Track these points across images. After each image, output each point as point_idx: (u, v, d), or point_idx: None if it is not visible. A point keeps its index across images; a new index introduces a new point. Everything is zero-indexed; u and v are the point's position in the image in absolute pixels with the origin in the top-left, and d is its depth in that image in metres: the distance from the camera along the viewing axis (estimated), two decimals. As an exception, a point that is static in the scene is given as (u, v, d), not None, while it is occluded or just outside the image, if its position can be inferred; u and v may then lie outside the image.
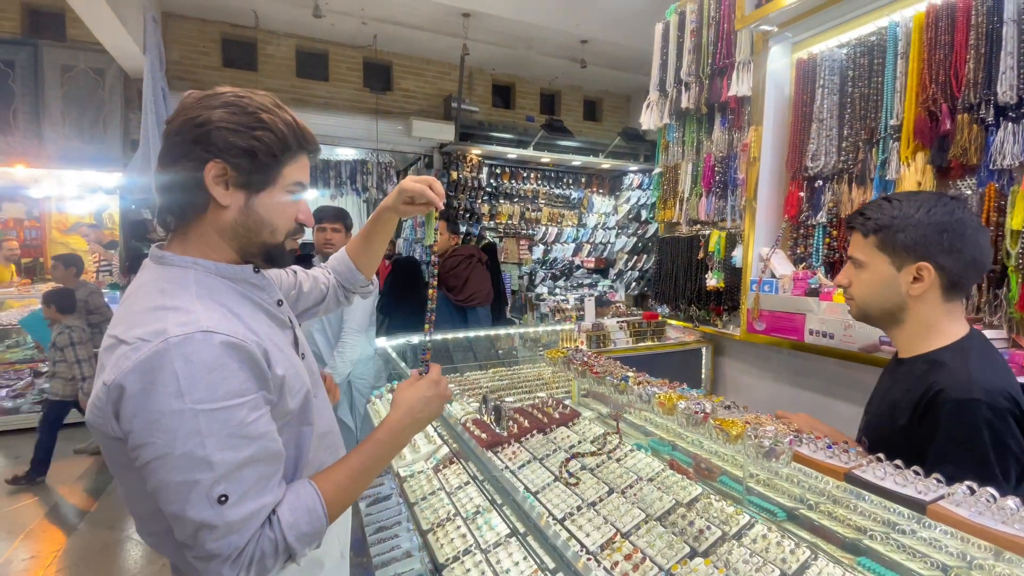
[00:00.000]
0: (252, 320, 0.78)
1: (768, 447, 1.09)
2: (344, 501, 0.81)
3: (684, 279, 2.55)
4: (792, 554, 1.16)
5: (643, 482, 1.51)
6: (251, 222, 0.79)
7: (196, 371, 0.65)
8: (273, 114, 0.78)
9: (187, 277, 0.76)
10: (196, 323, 0.68)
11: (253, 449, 0.69)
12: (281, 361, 0.78)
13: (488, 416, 1.51)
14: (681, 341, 2.48)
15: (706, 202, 2.46)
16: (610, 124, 8.04)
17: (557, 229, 7.75)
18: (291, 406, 0.80)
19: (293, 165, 0.81)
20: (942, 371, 0.99)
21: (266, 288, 0.87)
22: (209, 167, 0.75)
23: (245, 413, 0.69)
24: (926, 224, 0.99)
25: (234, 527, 0.67)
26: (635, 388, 1.49)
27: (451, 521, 1.44)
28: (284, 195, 0.82)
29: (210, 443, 0.65)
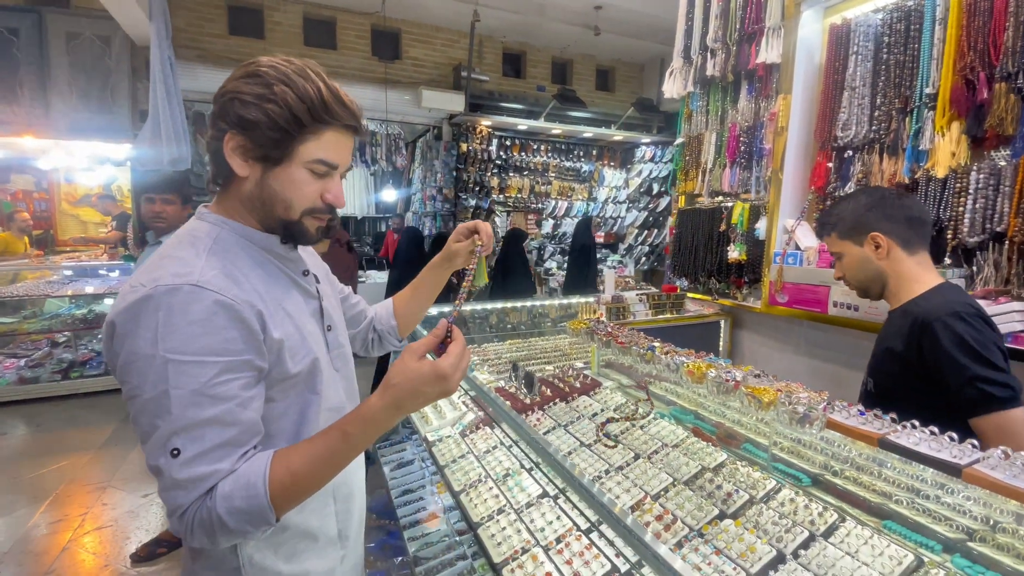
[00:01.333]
0: (261, 283, 0.78)
1: (803, 414, 1.11)
2: (296, 488, 0.70)
3: (704, 252, 2.54)
4: (820, 516, 1.19)
5: (668, 448, 1.55)
6: (265, 196, 0.78)
7: (176, 321, 0.66)
8: (290, 85, 0.73)
9: (210, 234, 0.78)
10: (188, 275, 0.69)
11: (217, 410, 0.67)
12: (283, 325, 0.78)
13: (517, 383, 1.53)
14: (700, 314, 2.49)
15: (730, 173, 2.42)
16: (623, 94, 7.87)
17: (567, 203, 7.69)
18: (292, 369, 0.78)
19: (313, 141, 0.76)
20: (923, 305, 1.24)
21: (292, 258, 0.87)
22: (227, 139, 0.75)
23: (216, 372, 0.67)
24: (856, 208, 1.33)
25: (180, 484, 0.66)
26: (662, 358, 1.51)
27: (482, 483, 1.48)
28: (302, 172, 0.77)
29: (174, 395, 0.65)
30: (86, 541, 2.62)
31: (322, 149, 0.77)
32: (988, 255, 1.61)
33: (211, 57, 5.65)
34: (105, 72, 5.26)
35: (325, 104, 0.74)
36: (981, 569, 0.99)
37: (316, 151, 0.76)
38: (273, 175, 0.77)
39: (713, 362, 1.45)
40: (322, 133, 0.76)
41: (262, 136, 0.73)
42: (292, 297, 0.84)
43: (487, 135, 6.69)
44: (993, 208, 1.59)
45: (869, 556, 1.06)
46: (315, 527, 0.91)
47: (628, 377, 2.20)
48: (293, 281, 0.86)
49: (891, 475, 1.31)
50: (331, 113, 0.75)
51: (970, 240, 1.64)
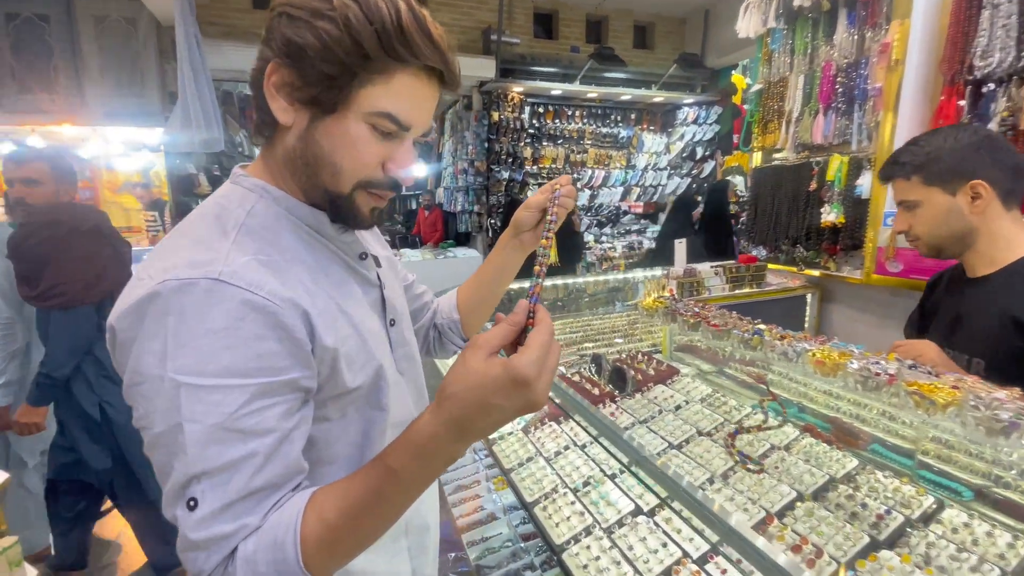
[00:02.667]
0: (309, 272, 0.60)
1: (1007, 421, 0.83)
2: (337, 546, 0.51)
3: (788, 216, 2.21)
4: (1011, 548, 0.92)
5: (779, 452, 1.29)
6: (310, 155, 0.58)
7: (190, 330, 0.49)
8: (360, 2, 0.53)
9: (243, 204, 0.60)
10: (209, 265, 0.51)
11: (248, 448, 0.50)
12: (337, 327, 0.60)
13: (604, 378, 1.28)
14: (784, 287, 2.18)
15: (823, 121, 2.07)
16: (664, 52, 7.33)
17: (604, 172, 7.30)
18: (350, 383, 0.61)
19: (381, 86, 0.55)
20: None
21: (347, 239, 0.68)
22: (269, 70, 0.57)
23: (246, 400, 0.50)
24: (961, 148, 1.08)
25: (198, 545, 0.50)
26: (777, 344, 1.23)
27: (559, 494, 1.26)
28: (360, 127, 0.57)
29: (190, 430, 0.49)
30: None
31: (392, 98, 0.56)
32: None
33: (238, 33, 5.47)
34: (133, 55, 5.17)
35: (403, 32, 0.54)
36: None
37: (383, 100, 0.56)
38: (323, 127, 0.57)
39: (845, 348, 1.17)
40: (394, 75, 0.55)
41: (311, 69, 0.54)
42: (348, 289, 0.66)
43: (519, 102, 6.35)
44: None
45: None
46: (383, 570, 0.72)
47: (709, 362, 1.93)
48: (348, 267, 0.68)
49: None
50: (411, 46, 0.54)
51: None
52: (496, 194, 6.50)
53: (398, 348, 0.74)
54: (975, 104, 1.64)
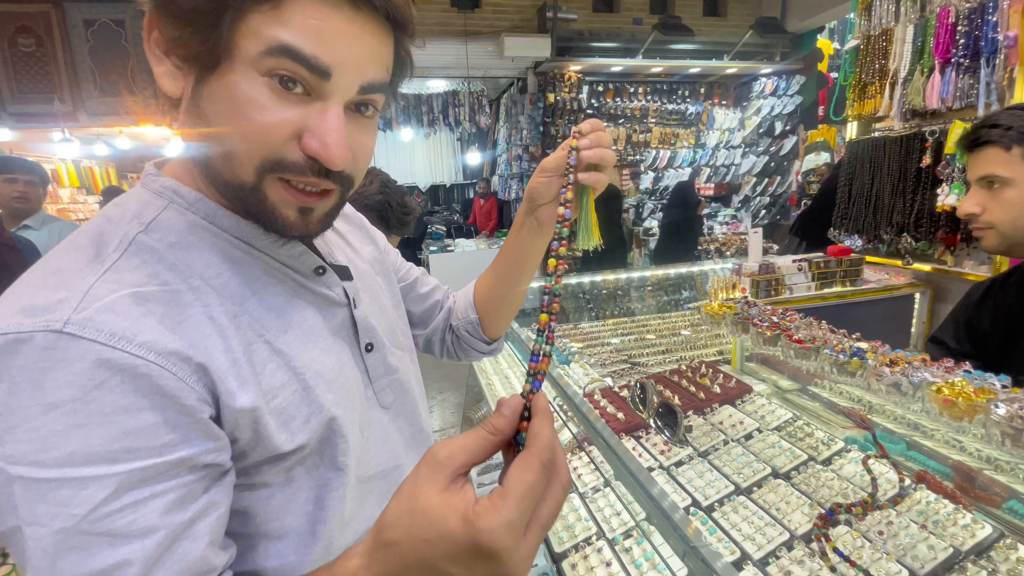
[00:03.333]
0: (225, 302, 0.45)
1: None
2: None
3: (892, 198, 1.82)
4: None
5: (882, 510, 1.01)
6: (197, 132, 0.44)
7: (22, 405, 0.36)
8: None
9: (141, 215, 0.45)
10: (53, 311, 0.37)
11: (120, 556, 0.37)
12: (259, 379, 0.45)
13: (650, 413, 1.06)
14: (886, 285, 1.81)
15: (940, 81, 1.67)
16: (737, 18, 6.68)
17: (670, 152, 6.82)
18: (286, 445, 0.46)
19: (270, 10, 0.39)
20: None
21: (291, 249, 0.51)
22: (146, 23, 0.43)
23: (109, 494, 0.36)
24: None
25: None
26: (884, 372, 0.95)
27: (592, 546, 1.05)
28: (252, 81, 0.41)
29: (31, 535, 0.35)
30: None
31: (286, 25, 0.39)
32: None
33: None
34: (199, 55, 5.42)
35: None
36: None
37: (277, 29, 0.39)
38: (207, 91, 0.42)
39: (980, 378, 0.87)
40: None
41: (180, 6, 0.40)
42: (293, 317, 0.51)
43: (576, 82, 6.03)
44: None
45: None
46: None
47: (787, 376, 1.63)
48: (297, 287, 0.52)
49: None
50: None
51: None
52: (552, 179, 6.26)
53: (380, 379, 0.60)
54: None
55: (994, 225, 1.00)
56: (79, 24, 5.02)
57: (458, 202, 9.54)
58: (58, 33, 4.97)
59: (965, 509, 0.99)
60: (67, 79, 5.07)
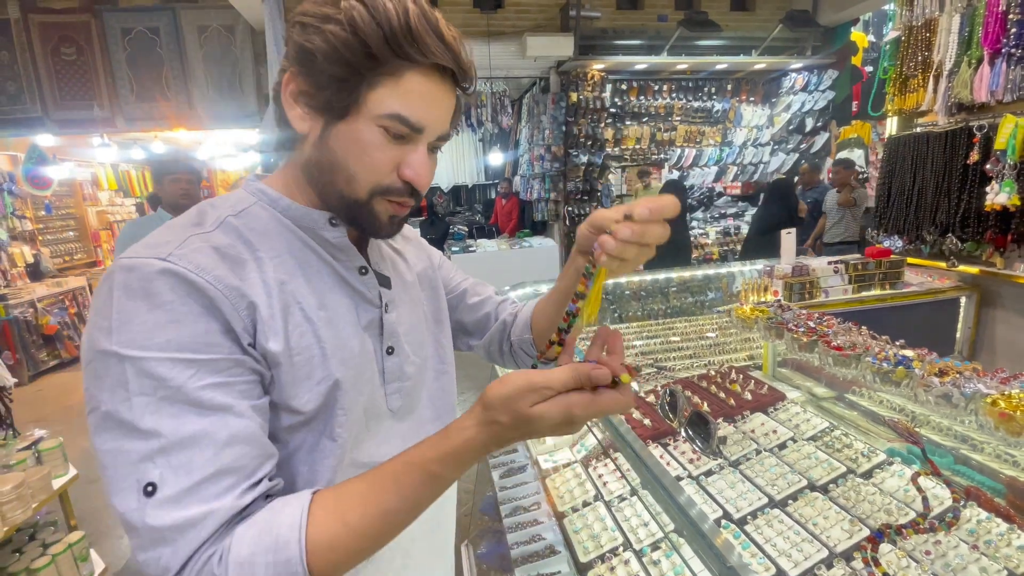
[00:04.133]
0: (284, 273, 0.58)
1: None
2: (352, 551, 0.50)
3: (935, 197, 1.73)
4: None
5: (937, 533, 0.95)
6: (325, 160, 0.58)
7: (133, 305, 0.49)
8: (366, 4, 0.52)
9: (236, 205, 0.61)
10: (159, 248, 0.52)
11: (206, 423, 0.48)
12: (288, 332, 0.56)
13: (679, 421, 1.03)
14: (929, 288, 1.72)
15: (989, 72, 1.58)
16: (766, 12, 6.51)
17: (695, 150, 6.69)
18: (296, 399, 0.56)
19: (391, 87, 0.54)
20: None
21: (344, 248, 0.64)
22: (286, 80, 0.58)
23: (193, 373, 0.49)
24: None
25: (163, 536, 0.45)
26: (934, 382, 0.90)
27: (619, 557, 1.03)
28: (372, 131, 0.56)
29: (138, 403, 0.47)
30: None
31: (401, 99, 0.55)
32: None
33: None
34: (232, 61, 5.56)
35: (411, 31, 0.53)
36: None
37: (392, 101, 0.55)
38: (336, 133, 0.57)
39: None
40: (403, 75, 0.55)
41: (321, 74, 0.55)
42: (330, 300, 0.62)
43: (599, 80, 5.97)
44: None
45: None
46: None
47: (822, 383, 1.57)
48: (340, 280, 0.64)
49: None
50: (419, 45, 0.54)
51: None
52: (574, 180, 6.20)
53: (393, 382, 0.67)
54: None
55: None
56: (117, 33, 5.21)
57: (480, 202, 9.56)
58: (97, 42, 5.17)
59: (1020, 529, 0.93)
60: (105, 86, 5.27)
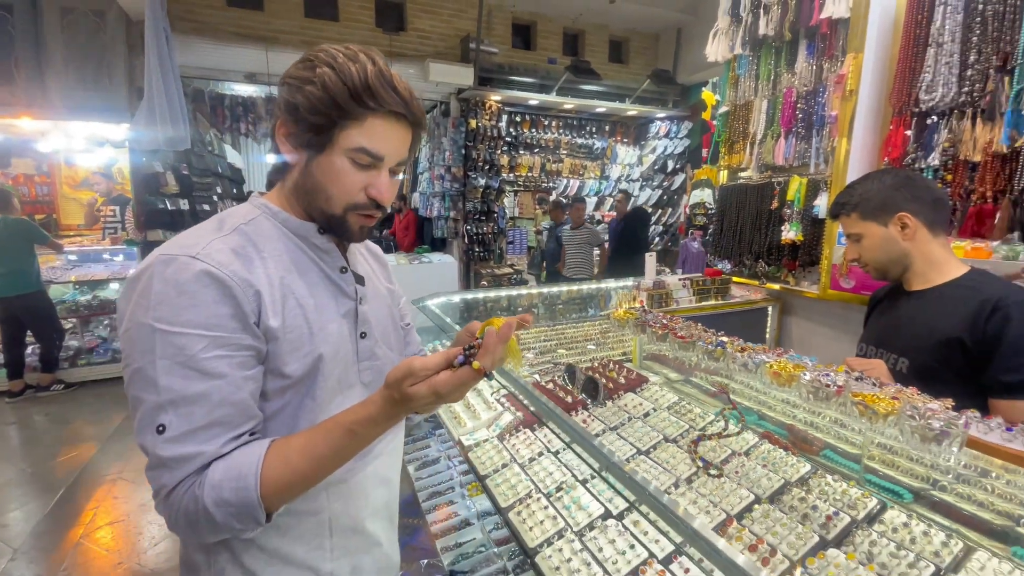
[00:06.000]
0: (282, 269, 0.74)
1: (939, 430, 0.92)
2: (293, 486, 0.67)
3: (752, 232, 2.32)
4: (945, 546, 1.01)
5: (739, 457, 1.37)
6: (309, 185, 0.76)
7: (168, 290, 0.65)
8: (334, 67, 0.70)
9: (247, 215, 0.76)
10: (191, 247, 0.68)
11: (206, 386, 0.65)
12: (286, 314, 0.72)
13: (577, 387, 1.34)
14: (747, 300, 2.29)
15: (784, 144, 2.19)
16: (637, 67, 7.53)
17: (579, 181, 7.44)
18: (287, 369, 0.72)
19: (355, 128, 0.72)
20: (986, 288, 1.22)
21: (329, 251, 0.81)
22: (278, 125, 0.76)
23: (204, 346, 0.65)
24: (885, 188, 1.31)
25: (164, 463, 0.63)
26: (737, 356, 1.31)
27: (533, 499, 1.30)
28: (342, 161, 0.73)
29: (160, 365, 0.63)
30: (99, 536, 2.55)
31: (365, 137, 0.73)
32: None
33: (208, 30, 5.36)
34: (100, 48, 5.00)
35: (369, 87, 0.70)
36: None
37: (358, 139, 0.72)
38: (316, 163, 0.74)
39: (799, 360, 1.25)
40: (365, 119, 0.72)
41: (304, 121, 0.72)
42: (317, 291, 0.78)
43: (497, 111, 6.42)
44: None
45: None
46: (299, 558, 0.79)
47: (676, 371, 2.01)
48: (324, 276, 0.80)
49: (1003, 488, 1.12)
50: (375, 97, 0.71)
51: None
52: (473, 200, 6.54)
53: (365, 360, 0.82)
54: (920, 135, 1.77)
55: (868, 263, 1.38)
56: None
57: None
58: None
59: (794, 455, 1.37)
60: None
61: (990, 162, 1.59)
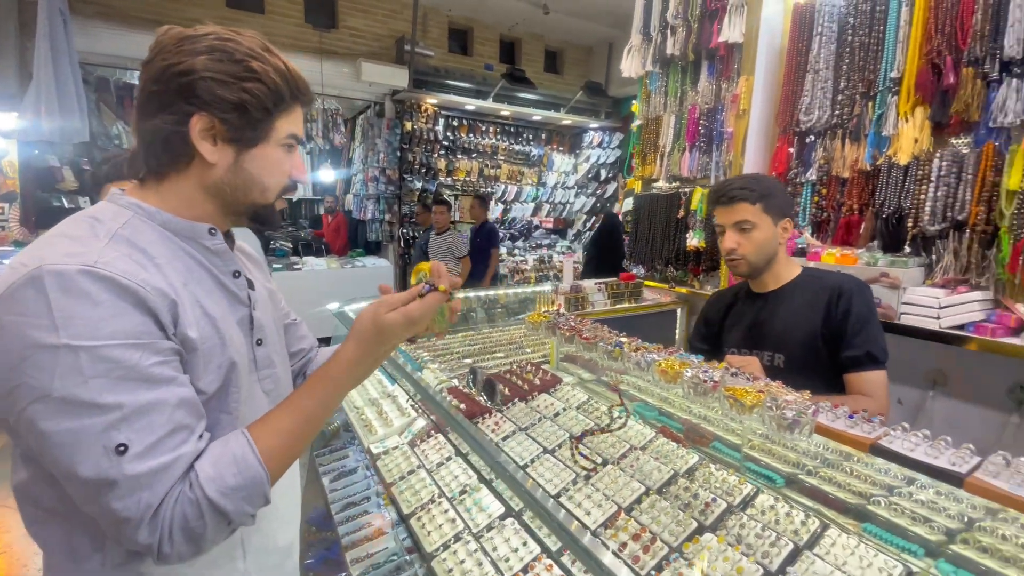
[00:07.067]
0: (178, 275, 0.68)
1: (791, 419, 1.01)
2: (289, 449, 0.68)
3: (662, 239, 2.46)
4: (803, 525, 1.11)
5: (636, 451, 1.44)
6: (240, 180, 0.72)
7: (74, 304, 0.56)
8: (264, 61, 0.70)
9: (117, 217, 0.67)
10: (83, 257, 0.59)
11: (158, 393, 0.59)
12: (198, 324, 0.67)
13: (478, 389, 1.35)
14: (658, 302, 2.42)
15: (689, 157, 2.34)
16: (572, 78, 7.75)
17: (517, 188, 7.53)
18: (201, 383, 0.67)
19: (287, 117, 0.74)
20: (827, 279, 1.36)
21: (221, 254, 0.75)
22: (194, 121, 0.68)
23: (140, 355, 0.59)
24: (783, 190, 1.41)
25: (142, 481, 0.56)
26: (632, 355, 1.38)
27: (436, 503, 1.31)
28: (277, 150, 0.74)
29: (95, 384, 0.56)
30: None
31: (292, 123, 0.75)
32: (948, 244, 1.61)
33: (115, 15, 4.96)
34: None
35: (295, 79, 0.74)
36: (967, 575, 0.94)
37: (289, 126, 0.75)
38: (249, 157, 0.72)
39: (686, 359, 1.34)
40: (293, 108, 0.75)
41: (242, 117, 0.69)
42: (215, 298, 0.73)
43: (433, 114, 6.38)
44: (954, 196, 1.58)
45: (858, 568, 0.99)
46: None
47: (589, 371, 2.09)
48: (218, 282, 0.75)
49: (862, 471, 1.26)
50: (299, 88, 0.74)
51: (931, 228, 1.63)
52: (409, 204, 6.45)
53: (264, 368, 0.79)
54: (801, 152, 1.96)
55: (746, 256, 1.36)
56: None
57: (307, 218, 9.12)
58: None
59: (685, 448, 1.46)
60: None
61: (856, 178, 1.78)
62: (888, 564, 0.97)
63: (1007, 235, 1.49)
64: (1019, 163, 1.46)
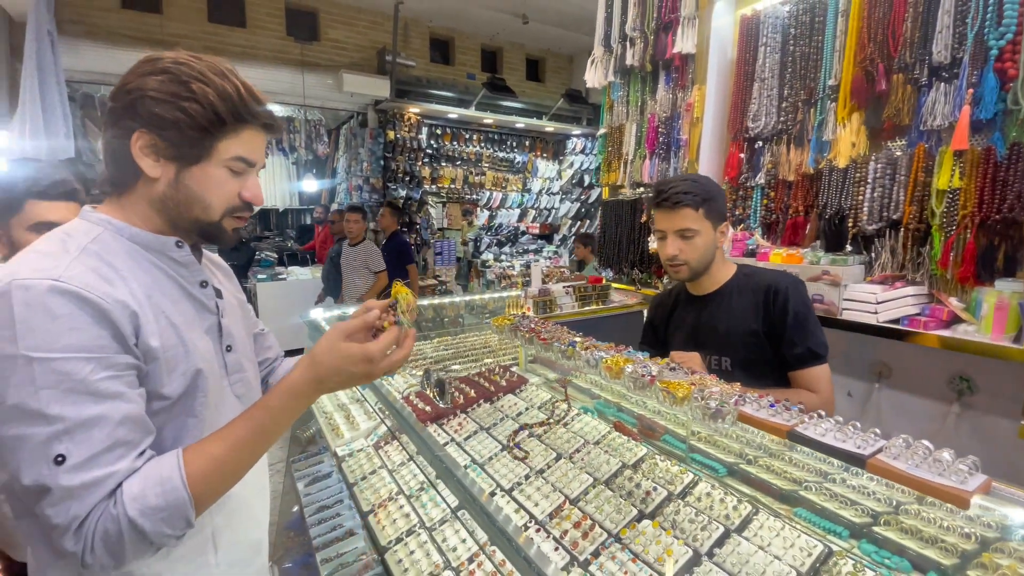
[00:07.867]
0: (143, 288, 0.71)
1: (715, 408, 1.08)
2: (221, 476, 0.68)
3: (627, 243, 2.53)
4: (735, 510, 1.18)
5: (590, 446, 1.50)
6: (181, 196, 0.74)
7: (35, 317, 0.60)
8: (208, 83, 0.71)
9: (88, 233, 0.72)
10: (49, 272, 0.63)
11: (102, 408, 0.62)
12: (162, 334, 0.70)
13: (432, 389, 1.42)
14: (624, 304, 2.49)
15: (650, 164, 2.42)
16: (553, 85, 7.87)
17: (502, 194, 7.61)
18: (166, 390, 0.70)
19: (233, 139, 0.74)
20: (761, 278, 1.39)
21: (188, 265, 0.79)
22: (135, 137, 0.71)
23: (91, 369, 0.62)
24: (720, 192, 1.39)
25: (72, 493, 0.59)
26: (582, 353, 1.45)
27: (393, 500, 1.36)
28: (221, 170, 0.75)
29: (45, 395, 0.59)
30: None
31: (241, 146, 0.75)
32: (885, 242, 1.69)
33: (100, 33, 5.01)
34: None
35: (244, 102, 0.74)
36: (887, 554, 1.00)
37: (236, 148, 0.75)
38: (189, 175, 0.74)
39: (631, 356, 1.41)
40: (242, 131, 0.75)
41: (179, 135, 0.71)
42: (181, 308, 0.77)
43: (416, 123, 6.45)
44: (890, 197, 1.66)
45: (781, 549, 1.05)
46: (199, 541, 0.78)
47: (555, 372, 2.15)
48: (185, 292, 0.79)
49: (801, 459, 1.33)
50: (250, 111, 0.75)
51: (869, 228, 1.71)
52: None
53: (235, 373, 0.84)
54: (751, 157, 2.05)
55: (688, 262, 1.36)
56: None
57: (293, 228, 9.15)
58: None
59: (636, 441, 1.52)
60: None
61: (801, 181, 1.87)
62: (809, 544, 1.04)
63: (938, 233, 1.57)
64: (947, 164, 1.55)
